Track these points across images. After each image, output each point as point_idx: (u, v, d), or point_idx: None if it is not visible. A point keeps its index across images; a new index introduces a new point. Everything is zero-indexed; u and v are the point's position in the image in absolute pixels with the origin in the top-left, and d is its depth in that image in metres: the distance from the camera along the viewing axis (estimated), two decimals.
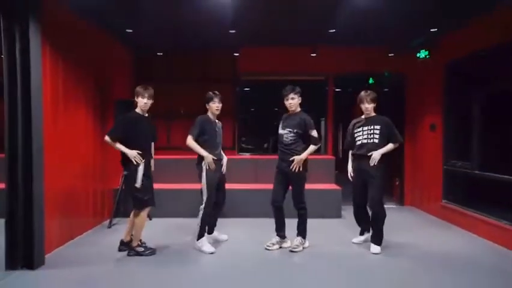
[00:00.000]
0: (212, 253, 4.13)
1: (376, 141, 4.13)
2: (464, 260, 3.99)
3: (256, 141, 8.11)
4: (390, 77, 7.07)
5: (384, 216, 4.14)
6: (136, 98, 4.02)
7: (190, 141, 4.11)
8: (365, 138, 4.19)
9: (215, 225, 4.60)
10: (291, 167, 4.08)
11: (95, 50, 5.19)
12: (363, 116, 4.31)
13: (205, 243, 4.20)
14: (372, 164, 4.08)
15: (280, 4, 4.51)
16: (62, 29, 4.26)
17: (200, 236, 4.20)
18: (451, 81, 5.63)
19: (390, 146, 4.15)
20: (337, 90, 7.15)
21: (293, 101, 4.18)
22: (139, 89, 4.00)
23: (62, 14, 4.29)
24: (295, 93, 4.18)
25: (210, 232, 4.54)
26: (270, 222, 4.41)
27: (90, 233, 4.96)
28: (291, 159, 4.09)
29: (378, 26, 5.32)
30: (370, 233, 4.32)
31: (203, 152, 4.10)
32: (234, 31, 5.31)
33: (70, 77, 4.47)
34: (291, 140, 4.15)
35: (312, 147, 4.11)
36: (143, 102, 3.98)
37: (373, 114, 4.24)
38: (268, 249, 4.23)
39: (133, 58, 6.84)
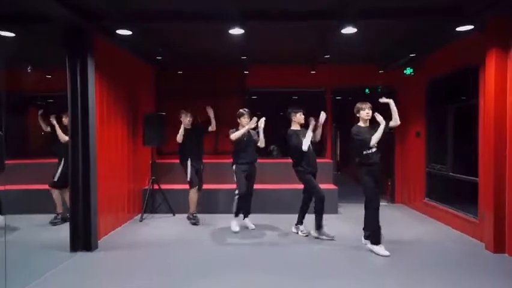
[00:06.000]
0: (236, 232, 5.34)
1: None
2: (432, 246, 4.92)
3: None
4: (383, 89, 7.91)
5: None
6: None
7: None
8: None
9: (249, 213, 5.66)
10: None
11: (128, 72, 6.15)
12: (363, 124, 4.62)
13: (233, 223, 5.49)
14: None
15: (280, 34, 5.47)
16: (107, 59, 5.23)
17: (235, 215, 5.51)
18: (432, 95, 6.53)
19: None
20: (337, 98, 8.02)
21: (302, 117, 5.15)
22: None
23: (108, 47, 5.26)
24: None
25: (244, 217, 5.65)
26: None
27: (127, 225, 5.95)
28: None
29: (368, 49, 6.24)
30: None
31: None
32: (245, 57, 6.28)
33: (111, 97, 5.45)
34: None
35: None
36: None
37: None
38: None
39: (155, 76, 7.67)
